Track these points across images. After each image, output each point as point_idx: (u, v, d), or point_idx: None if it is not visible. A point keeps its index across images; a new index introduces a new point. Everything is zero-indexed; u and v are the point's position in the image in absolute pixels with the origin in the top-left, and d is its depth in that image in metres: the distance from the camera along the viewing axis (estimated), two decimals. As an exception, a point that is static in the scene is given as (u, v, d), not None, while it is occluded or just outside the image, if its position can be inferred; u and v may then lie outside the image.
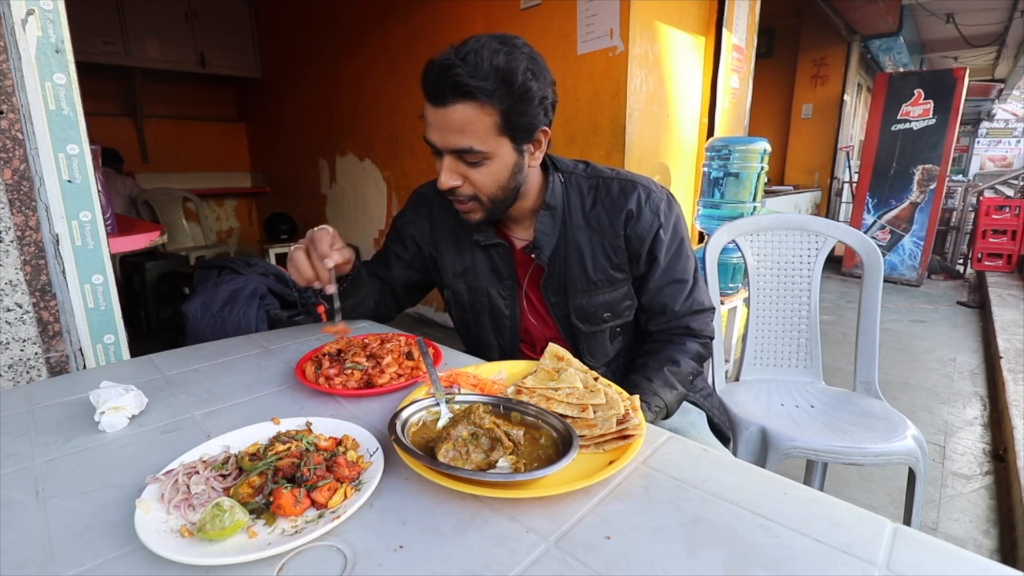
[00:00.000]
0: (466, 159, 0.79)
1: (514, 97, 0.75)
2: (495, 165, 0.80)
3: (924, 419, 2.19)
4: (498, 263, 0.95)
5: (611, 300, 0.93)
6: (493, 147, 0.78)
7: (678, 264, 0.92)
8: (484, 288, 0.98)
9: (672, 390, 0.86)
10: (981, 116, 11.66)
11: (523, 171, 0.84)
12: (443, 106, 0.75)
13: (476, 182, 0.81)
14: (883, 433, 1.08)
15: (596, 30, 2.25)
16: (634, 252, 0.91)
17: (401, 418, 0.60)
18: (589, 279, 0.91)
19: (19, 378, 1.01)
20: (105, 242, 1.08)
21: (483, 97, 0.73)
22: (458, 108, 0.74)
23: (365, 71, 3.63)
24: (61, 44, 0.99)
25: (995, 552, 1.48)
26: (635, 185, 0.91)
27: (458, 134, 0.76)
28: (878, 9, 4.95)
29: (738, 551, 0.43)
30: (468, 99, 0.73)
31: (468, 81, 0.72)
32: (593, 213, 0.90)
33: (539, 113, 0.79)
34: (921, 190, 4.44)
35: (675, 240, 0.92)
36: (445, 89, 0.73)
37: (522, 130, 0.79)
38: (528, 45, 0.78)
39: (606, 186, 0.91)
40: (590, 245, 0.90)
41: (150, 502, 0.48)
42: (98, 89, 4.43)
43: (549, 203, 0.90)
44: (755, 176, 2.26)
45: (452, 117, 0.75)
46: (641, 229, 0.89)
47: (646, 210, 0.89)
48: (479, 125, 0.75)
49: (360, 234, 4.14)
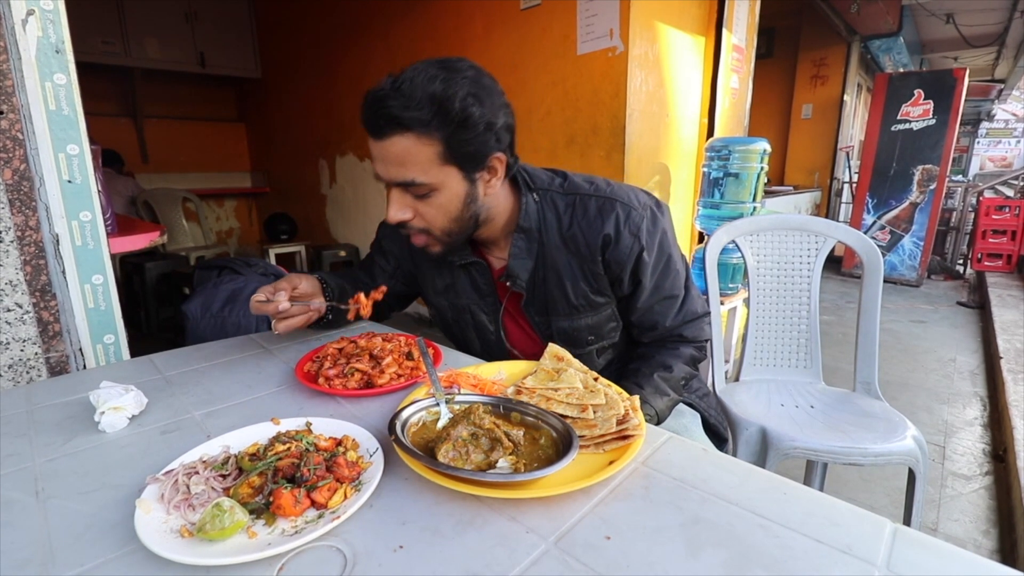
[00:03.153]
0: (412, 192, 0.76)
1: (454, 125, 0.71)
2: (443, 197, 0.77)
3: (924, 419, 2.19)
4: (478, 281, 0.93)
5: (594, 324, 0.91)
6: (438, 178, 0.74)
7: (666, 282, 0.89)
8: (467, 306, 0.96)
9: (663, 396, 0.85)
10: (981, 116, 11.67)
11: (477, 200, 0.80)
12: (381, 139, 0.72)
13: (426, 215, 0.78)
14: (883, 433, 1.08)
15: (596, 30, 2.25)
16: (615, 276, 0.87)
17: (401, 418, 0.60)
18: (570, 303, 0.88)
19: (19, 378, 1.01)
20: (105, 242, 1.08)
21: (419, 127, 0.70)
22: (395, 140, 0.71)
23: (365, 71, 3.63)
24: (61, 44, 0.99)
25: (995, 552, 1.48)
26: (613, 204, 0.84)
27: (399, 167, 0.73)
28: (878, 9, 4.96)
29: (738, 551, 0.43)
30: (404, 130, 0.70)
31: (401, 113, 0.69)
32: (570, 233, 0.85)
33: (487, 139, 0.75)
34: (921, 190, 4.44)
35: (661, 259, 0.88)
36: (381, 121, 0.71)
37: (469, 158, 0.75)
38: (474, 68, 0.74)
39: (583, 204, 0.86)
40: (569, 267, 0.86)
41: (150, 502, 0.48)
42: (98, 89, 4.43)
43: (523, 225, 0.86)
44: (755, 176, 2.26)
45: (391, 150, 0.72)
46: (620, 254, 0.84)
47: (625, 233, 0.83)
48: (420, 156, 0.72)
49: (360, 234, 4.14)
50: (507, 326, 0.96)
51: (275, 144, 5.03)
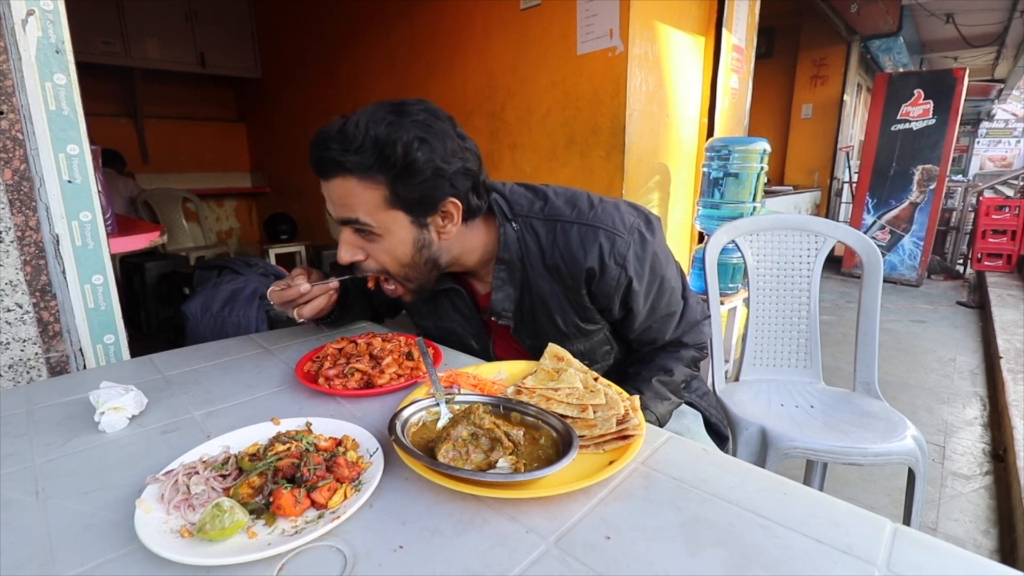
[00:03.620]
0: (359, 233, 0.75)
1: (396, 170, 0.69)
2: (390, 241, 0.75)
3: (924, 419, 2.19)
4: (460, 304, 0.91)
5: (587, 349, 0.89)
6: (383, 222, 0.73)
7: (661, 302, 0.87)
8: (452, 329, 0.95)
9: (663, 401, 0.85)
10: (981, 116, 11.68)
11: (431, 246, 0.78)
12: (326, 180, 0.72)
13: (377, 256, 0.77)
14: (883, 433, 1.08)
15: (596, 30, 2.25)
16: (603, 307, 0.84)
17: (401, 418, 0.60)
18: (560, 331, 0.86)
19: (19, 378, 1.01)
20: (105, 242, 1.08)
21: (360, 172, 0.69)
22: (337, 182, 0.71)
23: (365, 71, 3.63)
24: (61, 44, 0.99)
25: (995, 552, 1.48)
26: (596, 233, 0.79)
27: (343, 207, 0.73)
28: (878, 9, 4.96)
29: (738, 551, 0.43)
30: (346, 173, 0.70)
31: (340, 157, 0.69)
32: (552, 263, 0.81)
33: (437, 185, 0.72)
34: (921, 190, 4.44)
35: (654, 283, 0.84)
36: (324, 163, 0.71)
37: (417, 204, 0.73)
38: (429, 111, 0.72)
39: (564, 233, 0.80)
40: (555, 297, 0.83)
41: (150, 502, 0.48)
42: (98, 89, 4.42)
43: (503, 256, 0.82)
44: (755, 176, 2.26)
45: (335, 191, 0.72)
46: (606, 287, 0.80)
47: (610, 264, 0.79)
48: (363, 198, 0.71)
49: (360, 234, 4.13)
50: (497, 347, 0.95)
51: (275, 144, 5.03)
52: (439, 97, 3.14)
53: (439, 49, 3.04)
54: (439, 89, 3.12)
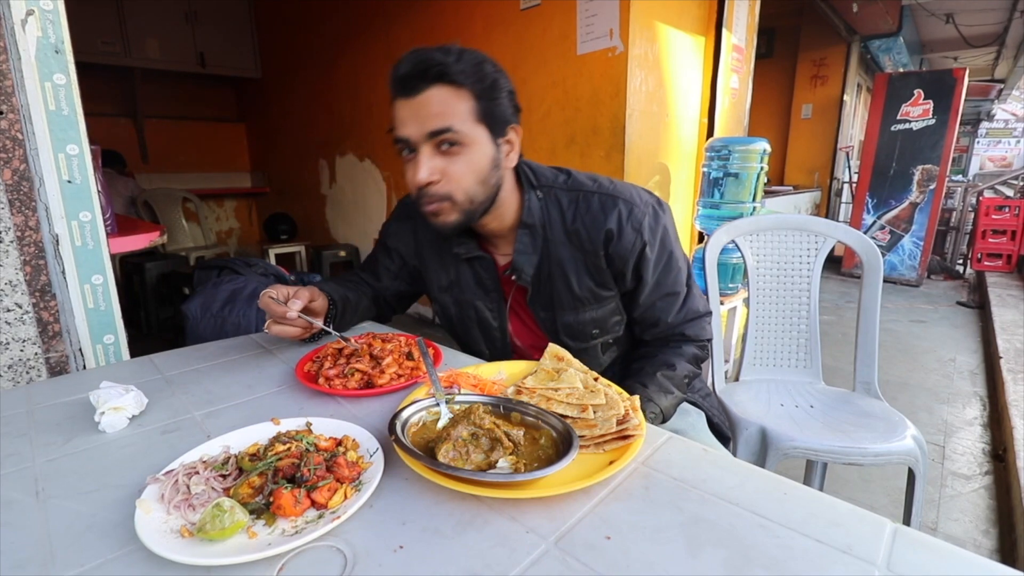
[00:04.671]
0: (444, 149, 0.77)
1: (486, 84, 0.76)
2: (474, 154, 0.78)
3: (924, 419, 2.19)
4: (483, 276, 0.94)
5: (598, 317, 0.92)
6: (471, 132, 0.77)
7: (668, 278, 0.90)
8: (471, 301, 0.96)
9: (667, 395, 0.85)
10: (981, 116, 11.67)
11: (500, 168, 0.82)
12: (417, 94, 0.75)
13: (454, 175, 0.78)
14: (883, 433, 1.09)
15: (596, 30, 2.25)
16: (617, 271, 0.88)
17: (401, 418, 0.60)
18: (575, 296, 0.89)
19: (19, 378, 1.01)
20: (105, 242, 1.08)
21: (460, 79, 0.74)
22: (434, 92, 0.74)
23: (365, 71, 3.63)
24: (61, 44, 0.99)
25: (995, 552, 1.48)
26: (616, 201, 0.86)
27: (437, 116, 0.75)
28: (878, 9, 4.96)
29: (738, 551, 0.43)
30: (444, 82, 0.74)
31: (445, 60, 0.73)
32: (574, 229, 0.87)
33: (509, 107, 0.80)
34: (921, 190, 4.44)
35: (663, 255, 0.89)
36: (424, 72, 0.74)
37: (496, 120, 0.79)
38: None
39: (586, 201, 0.87)
40: (573, 262, 0.88)
41: (150, 502, 0.48)
42: (98, 89, 4.42)
43: (527, 221, 0.87)
44: (755, 176, 2.26)
45: (431, 100, 0.74)
46: (623, 249, 0.85)
47: (627, 228, 0.85)
48: (458, 108, 0.75)
49: (360, 234, 4.14)
50: (511, 322, 0.97)
51: (275, 144, 5.03)
52: (439, 97, 3.14)
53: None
54: (439, 89, 3.12)
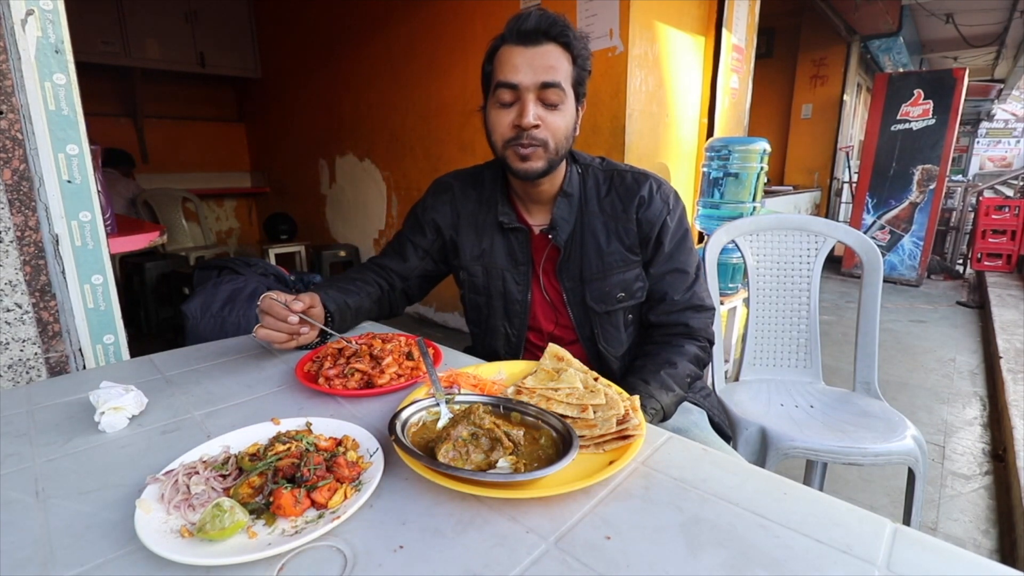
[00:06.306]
0: (546, 101, 0.85)
1: (585, 56, 0.87)
2: (567, 113, 0.87)
3: (924, 419, 2.19)
4: (515, 248, 1.00)
5: (625, 280, 0.97)
6: (568, 92, 0.86)
7: (680, 254, 0.97)
8: (500, 271, 1.01)
9: (669, 392, 0.86)
10: (981, 116, 11.67)
11: (576, 129, 0.92)
12: (536, 46, 0.83)
13: (551, 125, 0.87)
14: (882, 433, 1.09)
15: (596, 30, 2.25)
16: (644, 236, 0.96)
17: (401, 418, 0.60)
18: (604, 261, 0.96)
19: (19, 378, 1.01)
20: (105, 242, 1.08)
21: (573, 42, 0.85)
22: (550, 48, 0.84)
23: (365, 71, 3.63)
24: (61, 44, 0.99)
25: (995, 552, 1.48)
26: (647, 177, 0.98)
27: (550, 70, 0.84)
28: (878, 9, 4.96)
29: (738, 551, 0.43)
30: (557, 42, 0.84)
31: (567, 24, 0.84)
32: (608, 200, 0.97)
33: (586, 82, 0.90)
34: (921, 190, 4.45)
35: (679, 230, 0.97)
36: (545, 31, 0.83)
37: (581, 86, 0.89)
38: None
39: (620, 177, 0.99)
40: (605, 230, 0.97)
41: (150, 502, 0.48)
42: (98, 89, 4.42)
43: (567, 190, 0.96)
44: (755, 176, 2.26)
45: (545, 55, 0.83)
46: (652, 214, 0.95)
47: (657, 198, 0.96)
48: (564, 68, 0.85)
49: (360, 234, 4.13)
50: (535, 295, 1.02)
51: (275, 144, 5.03)
52: (439, 97, 3.14)
53: (439, 49, 3.04)
54: (439, 89, 3.12)
